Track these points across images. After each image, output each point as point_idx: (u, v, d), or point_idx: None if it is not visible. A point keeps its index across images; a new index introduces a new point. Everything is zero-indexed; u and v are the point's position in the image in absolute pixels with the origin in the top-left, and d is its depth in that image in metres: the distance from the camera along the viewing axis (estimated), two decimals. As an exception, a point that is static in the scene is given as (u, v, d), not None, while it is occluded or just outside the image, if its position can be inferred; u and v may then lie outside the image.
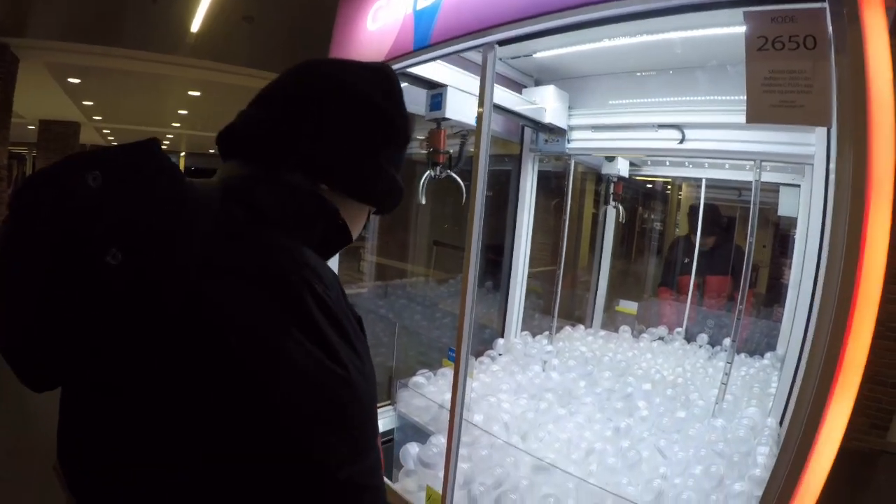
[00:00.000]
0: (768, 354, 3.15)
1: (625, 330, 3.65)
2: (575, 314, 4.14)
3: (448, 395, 2.54)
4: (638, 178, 4.84)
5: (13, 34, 6.89)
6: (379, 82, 1.01)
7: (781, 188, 3.15)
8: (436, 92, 2.42)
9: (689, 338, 3.58)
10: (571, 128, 3.14)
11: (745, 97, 1.35)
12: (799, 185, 2.96)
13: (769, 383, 2.79)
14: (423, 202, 2.60)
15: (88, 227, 0.66)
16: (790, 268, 3.08)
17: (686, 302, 3.77)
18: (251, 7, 6.22)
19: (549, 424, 2.41)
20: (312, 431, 0.71)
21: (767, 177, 2.96)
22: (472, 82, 2.44)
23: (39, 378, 0.72)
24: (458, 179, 2.51)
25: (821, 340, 1.21)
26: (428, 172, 2.53)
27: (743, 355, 3.23)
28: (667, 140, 2.78)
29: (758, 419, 2.38)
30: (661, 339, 3.61)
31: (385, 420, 2.79)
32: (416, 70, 2.29)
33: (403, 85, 1.10)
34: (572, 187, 3.55)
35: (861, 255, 1.14)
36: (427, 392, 2.70)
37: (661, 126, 2.79)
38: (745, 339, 3.42)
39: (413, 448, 2.39)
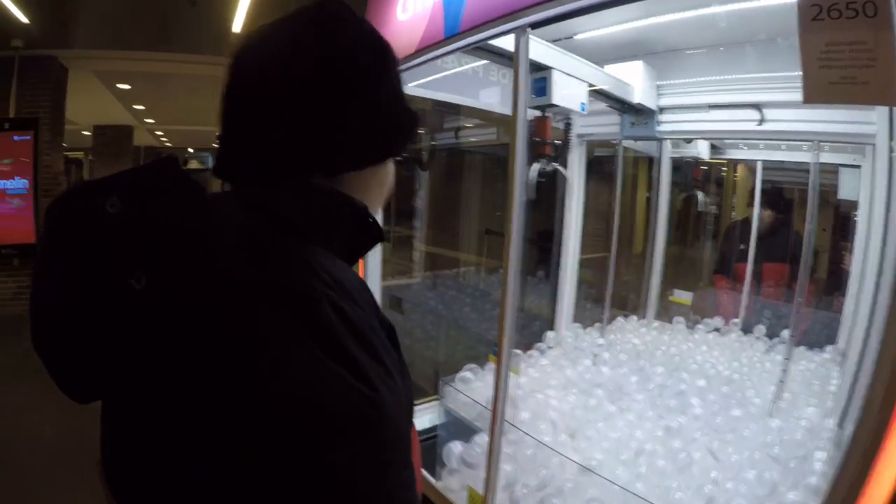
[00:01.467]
0: (829, 348, 3.03)
1: (679, 321, 3.55)
2: (629, 304, 4.04)
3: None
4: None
5: (60, 45, 7.13)
6: (314, 32, 0.90)
7: (841, 169, 3.02)
8: (539, 75, 2.21)
9: (746, 329, 3.46)
10: (662, 108, 2.97)
11: (801, 74, 1.22)
12: (859, 167, 2.82)
13: (829, 380, 2.67)
14: (533, 197, 2.46)
15: (110, 254, 0.68)
16: (851, 252, 2.96)
17: (742, 291, 3.64)
18: (290, 5, 6.23)
19: (599, 422, 2.36)
20: (335, 453, 0.68)
21: (826, 158, 2.85)
22: (577, 64, 2.34)
23: (77, 392, 0.76)
24: (566, 173, 2.44)
25: (893, 336, 1.11)
26: (536, 165, 2.41)
27: (802, 348, 3.10)
28: (745, 121, 2.68)
29: (816, 420, 2.28)
30: (716, 330, 3.49)
31: (431, 415, 2.76)
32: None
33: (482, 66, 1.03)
34: (624, 172, 3.46)
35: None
36: (474, 387, 2.67)
37: (741, 106, 2.67)
38: (805, 331, 3.28)
39: (456, 447, 2.36)
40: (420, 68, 2.45)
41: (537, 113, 2.41)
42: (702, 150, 3.33)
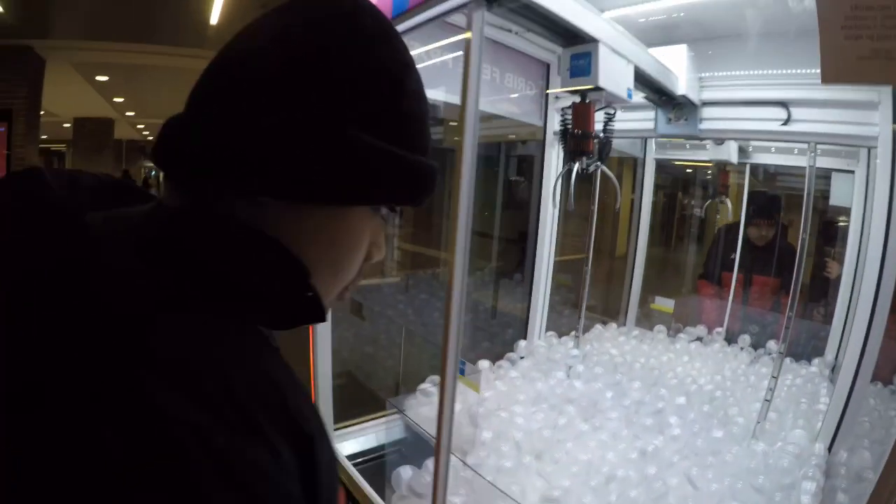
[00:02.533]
0: (816, 361, 2.85)
1: (660, 330, 3.37)
2: (609, 309, 3.86)
3: (458, 406, 2.32)
4: (677, 162, 4.54)
5: (37, 36, 7.00)
6: (303, 27, 0.67)
7: (833, 174, 2.87)
8: (580, 50, 1.76)
9: (730, 339, 3.29)
10: (704, 102, 2.51)
11: (819, 47, 0.95)
12: (853, 172, 2.68)
13: (818, 397, 2.48)
14: (572, 208, 2.13)
15: None
16: (837, 259, 2.80)
17: (728, 298, 3.45)
18: (265, -2, 6.19)
19: (569, 443, 2.16)
20: None
21: (818, 162, 2.62)
22: (624, 41, 1.90)
23: None
24: (611, 175, 2.11)
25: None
26: (569, 165, 2.02)
27: (789, 360, 2.92)
28: (769, 121, 2.34)
29: (804, 444, 2.09)
30: (699, 339, 3.31)
31: (386, 431, 2.57)
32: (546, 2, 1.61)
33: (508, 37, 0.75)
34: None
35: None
36: (436, 401, 2.46)
37: (768, 103, 2.32)
38: (791, 341, 3.11)
39: (406, 472, 2.15)
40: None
41: (569, 99, 1.98)
42: (732, 153, 3.02)
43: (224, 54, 0.68)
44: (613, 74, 1.80)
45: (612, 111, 2.06)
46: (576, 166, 1.99)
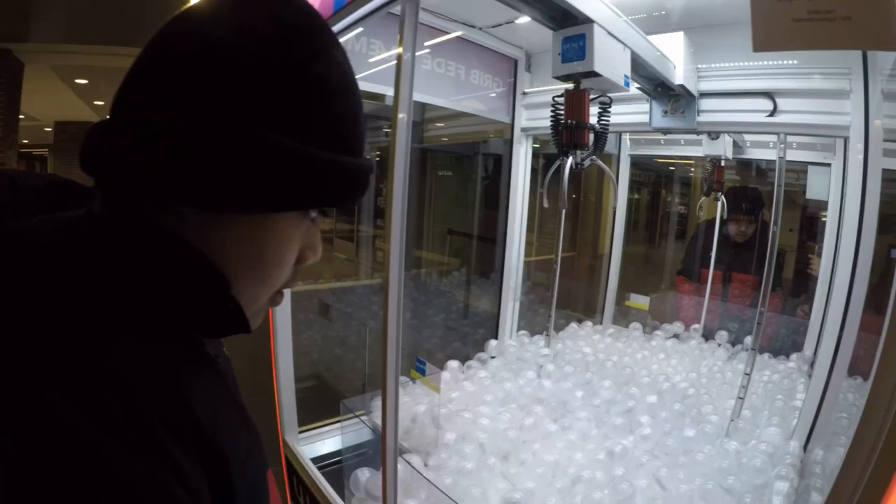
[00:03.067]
0: (794, 356, 2.79)
1: (636, 327, 3.29)
2: (589, 307, 3.80)
3: (422, 408, 2.25)
4: (661, 159, 4.49)
5: (15, 39, 6.90)
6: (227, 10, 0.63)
7: (810, 168, 2.81)
8: (574, 32, 1.57)
9: (708, 335, 3.22)
10: (702, 94, 2.32)
11: (750, 14, 0.85)
12: (830, 165, 2.64)
13: (794, 393, 2.41)
14: (565, 206, 1.85)
15: None
16: (817, 254, 2.75)
17: (704, 295, 3.38)
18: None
19: (536, 444, 2.08)
20: None
21: (794, 155, 2.65)
22: (621, 23, 1.70)
23: None
24: (608, 170, 1.95)
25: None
26: (562, 160, 1.82)
27: (766, 356, 2.88)
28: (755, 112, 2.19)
29: (778, 442, 2.02)
30: (675, 336, 3.24)
31: (343, 437, 2.47)
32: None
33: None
34: (587, 171, 3.18)
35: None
36: (400, 403, 2.37)
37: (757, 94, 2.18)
38: (771, 336, 3.05)
39: (363, 474, 2.06)
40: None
41: (561, 86, 1.78)
42: (727, 147, 2.88)
43: (140, 56, 0.64)
44: (610, 60, 1.64)
45: (608, 101, 1.89)
46: (569, 161, 1.81)
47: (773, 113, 2.15)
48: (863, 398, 0.82)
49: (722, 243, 3.38)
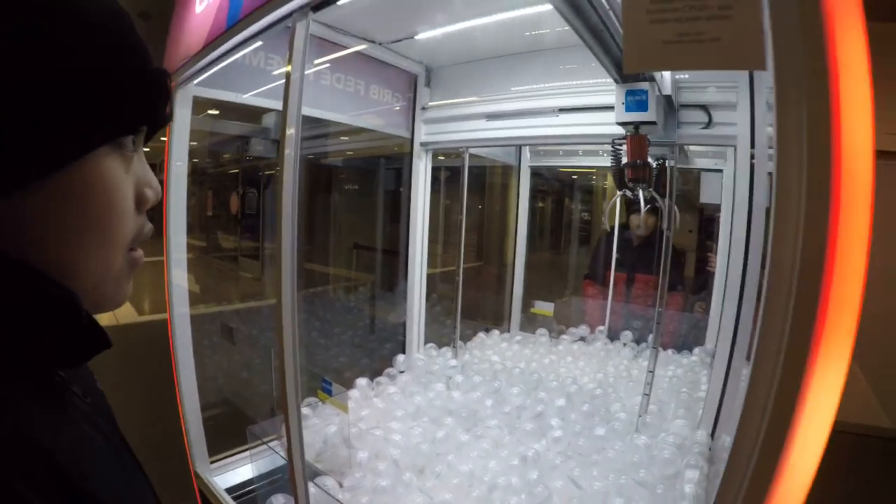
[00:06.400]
0: (697, 350, 2.87)
1: (542, 333, 3.32)
2: (497, 315, 3.79)
3: (332, 429, 2.19)
4: (564, 169, 4.57)
5: None
6: None
7: (703, 174, 2.98)
8: (637, 88, 1.93)
9: (613, 336, 3.28)
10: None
11: (622, 35, 0.85)
12: (721, 171, 2.78)
13: (698, 385, 2.48)
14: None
15: None
16: (715, 253, 2.86)
17: (608, 296, 3.45)
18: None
19: (450, 455, 2.05)
20: None
21: (694, 162, 2.82)
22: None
23: None
24: (661, 204, 2.22)
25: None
26: (624, 193, 2.21)
27: (670, 352, 2.95)
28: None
29: (686, 433, 2.06)
30: (582, 339, 3.28)
31: (257, 464, 2.41)
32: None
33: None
34: (492, 182, 3.21)
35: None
36: (310, 425, 2.31)
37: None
38: (674, 333, 3.14)
39: (278, 501, 2.01)
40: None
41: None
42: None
43: None
44: (658, 109, 1.96)
45: (648, 140, 2.15)
46: (641, 194, 2.21)
47: (708, 125, 2.27)
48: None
49: (625, 246, 3.48)
